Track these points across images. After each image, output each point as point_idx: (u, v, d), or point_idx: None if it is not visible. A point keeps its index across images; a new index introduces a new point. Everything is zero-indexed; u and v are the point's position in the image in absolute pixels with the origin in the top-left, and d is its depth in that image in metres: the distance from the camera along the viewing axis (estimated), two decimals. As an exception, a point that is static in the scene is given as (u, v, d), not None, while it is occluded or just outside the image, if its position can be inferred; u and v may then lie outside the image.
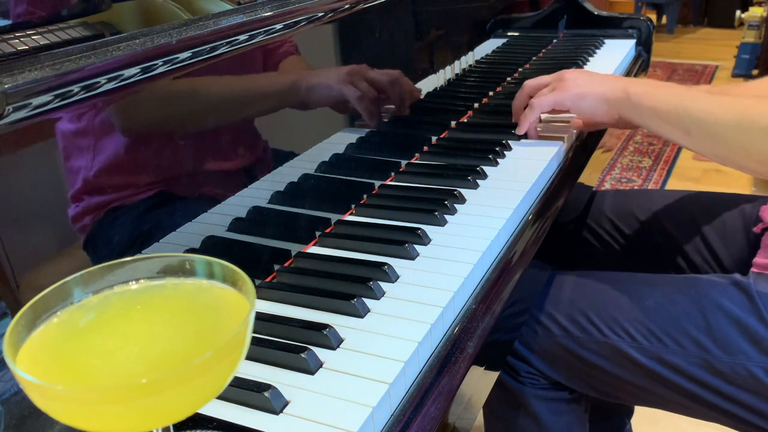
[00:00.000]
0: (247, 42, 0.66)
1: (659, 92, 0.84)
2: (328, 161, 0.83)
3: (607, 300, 0.84)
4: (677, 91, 0.83)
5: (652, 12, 5.19)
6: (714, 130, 0.77)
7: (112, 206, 0.56)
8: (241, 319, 0.35)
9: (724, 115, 0.76)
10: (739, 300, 0.78)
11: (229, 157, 0.68)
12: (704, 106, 0.78)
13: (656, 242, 1.04)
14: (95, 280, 0.39)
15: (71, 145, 0.52)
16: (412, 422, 0.53)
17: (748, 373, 0.76)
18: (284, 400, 0.52)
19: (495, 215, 0.80)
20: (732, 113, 0.76)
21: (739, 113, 0.75)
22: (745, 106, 0.75)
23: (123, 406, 0.31)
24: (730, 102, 0.78)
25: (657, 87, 0.85)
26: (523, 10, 1.51)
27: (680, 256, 1.02)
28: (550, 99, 0.96)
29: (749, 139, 0.74)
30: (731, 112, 0.76)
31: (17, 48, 0.50)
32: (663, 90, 0.84)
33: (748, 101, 0.77)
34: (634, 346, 0.80)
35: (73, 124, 0.52)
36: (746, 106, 0.75)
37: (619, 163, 2.88)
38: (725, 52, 4.32)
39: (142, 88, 0.57)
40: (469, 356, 0.61)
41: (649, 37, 1.59)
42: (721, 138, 0.77)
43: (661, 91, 0.84)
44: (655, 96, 0.84)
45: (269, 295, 0.67)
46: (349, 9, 0.83)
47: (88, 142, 0.53)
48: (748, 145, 0.75)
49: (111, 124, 0.55)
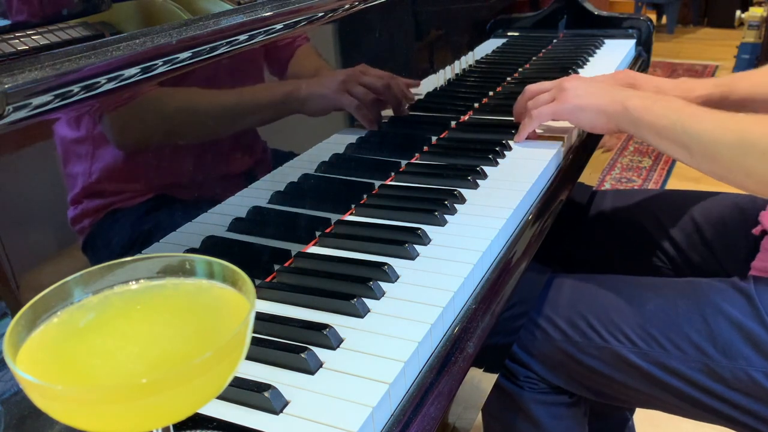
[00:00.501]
0: (247, 42, 0.66)
1: (657, 107, 0.83)
2: (328, 161, 0.83)
3: (607, 304, 0.84)
4: (676, 106, 0.82)
5: (652, 12, 5.19)
6: (713, 150, 0.76)
7: (112, 208, 0.56)
8: (241, 319, 0.35)
9: (723, 136, 0.75)
10: (740, 304, 0.78)
11: (229, 158, 0.68)
12: (703, 126, 0.77)
13: (656, 242, 1.04)
14: (95, 280, 0.39)
15: (69, 152, 0.52)
16: (412, 422, 0.53)
17: (749, 378, 0.75)
18: (284, 400, 0.52)
19: (495, 215, 0.80)
20: (731, 134, 0.75)
21: (739, 134, 0.74)
22: (744, 127, 0.75)
23: (123, 406, 0.31)
24: (729, 121, 0.77)
25: (656, 101, 0.84)
26: (523, 10, 1.51)
27: (680, 256, 1.02)
28: (549, 110, 0.95)
29: (748, 161, 0.73)
30: (730, 133, 0.75)
31: (17, 48, 0.50)
32: (662, 105, 0.83)
33: (749, 120, 0.76)
34: (634, 351, 0.80)
35: (71, 132, 0.52)
36: (746, 127, 0.74)
37: (619, 163, 2.88)
38: (725, 52, 4.32)
39: (138, 103, 0.57)
40: (469, 356, 0.61)
41: (649, 37, 1.59)
42: (720, 157, 0.76)
43: (659, 106, 0.83)
44: (654, 111, 0.83)
45: (269, 295, 0.67)
46: (349, 9, 0.83)
47: (86, 150, 0.53)
48: (746, 166, 0.74)
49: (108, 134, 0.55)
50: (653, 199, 1.08)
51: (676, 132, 0.79)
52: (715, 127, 0.76)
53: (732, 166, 0.75)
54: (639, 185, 2.68)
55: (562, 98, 0.94)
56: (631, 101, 0.86)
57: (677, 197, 1.07)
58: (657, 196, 1.08)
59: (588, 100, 0.91)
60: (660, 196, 1.09)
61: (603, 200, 1.11)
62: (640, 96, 0.87)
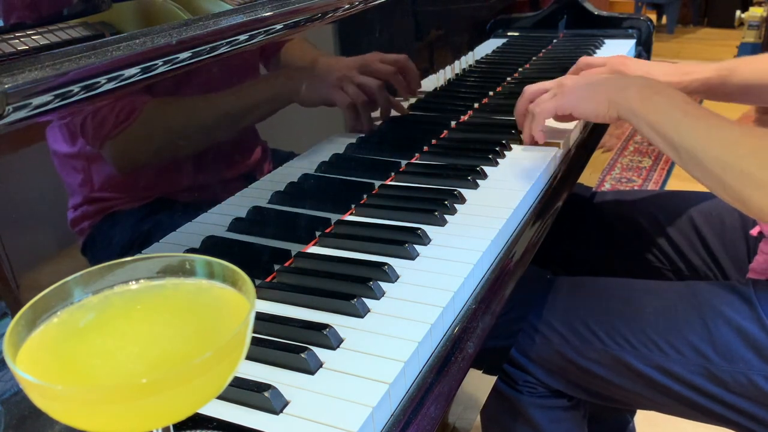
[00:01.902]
0: (247, 42, 0.66)
1: (656, 100, 0.80)
2: (328, 161, 0.83)
3: (607, 308, 0.84)
4: (675, 102, 0.79)
5: (652, 12, 5.19)
6: (698, 156, 0.74)
7: (112, 209, 0.56)
8: (241, 319, 0.35)
9: (709, 145, 0.73)
10: (740, 307, 0.78)
11: (229, 158, 0.68)
12: (694, 130, 0.75)
13: (655, 243, 1.04)
14: (95, 280, 0.39)
15: (66, 165, 0.52)
16: (412, 422, 0.53)
17: (749, 381, 0.75)
18: (284, 400, 0.52)
19: (495, 215, 0.80)
20: (717, 145, 0.73)
21: (724, 148, 0.72)
22: (731, 142, 0.72)
23: (123, 406, 0.31)
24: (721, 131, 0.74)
25: (656, 93, 0.81)
26: (523, 10, 1.51)
27: (679, 256, 1.02)
28: (551, 105, 0.93)
29: (727, 177, 0.71)
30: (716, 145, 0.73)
31: (17, 48, 0.50)
32: (661, 99, 0.80)
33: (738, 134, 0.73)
34: (634, 355, 0.80)
35: (66, 147, 0.51)
36: (732, 142, 0.72)
37: (619, 163, 2.88)
38: (725, 52, 4.33)
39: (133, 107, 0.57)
40: (469, 356, 0.61)
41: (649, 37, 1.60)
42: (702, 166, 0.74)
43: (658, 99, 0.80)
44: (650, 104, 0.80)
45: (269, 295, 0.67)
46: (349, 9, 0.83)
47: (82, 164, 0.53)
48: (724, 181, 0.72)
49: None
50: (652, 199, 1.08)
51: (667, 130, 0.77)
52: (704, 135, 0.74)
53: (711, 176, 0.73)
54: (639, 185, 2.68)
55: (564, 92, 0.92)
56: (630, 90, 0.84)
57: (676, 198, 1.07)
58: (656, 197, 1.08)
59: (589, 89, 0.90)
60: (659, 196, 1.09)
61: (602, 201, 1.11)
62: (640, 85, 0.84)
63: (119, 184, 0.57)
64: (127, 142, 0.57)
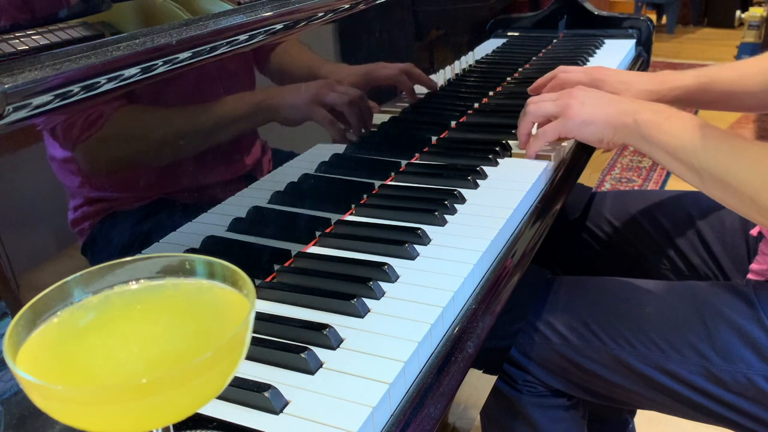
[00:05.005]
0: (247, 42, 0.66)
1: (670, 125, 0.78)
2: (328, 161, 0.83)
3: (606, 308, 0.84)
4: (691, 125, 0.77)
5: (652, 12, 5.19)
6: (726, 179, 0.73)
7: (112, 211, 0.56)
8: (241, 319, 0.35)
9: (737, 165, 0.71)
10: (740, 307, 0.78)
11: (229, 159, 0.68)
12: (717, 152, 0.73)
13: (655, 243, 1.04)
14: (95, 280, 0.39)
15: (63, 169, 0.52)
16: (411, 422, 0.53)
17: (748, 381, 0.75)
18: (284, 400, 0.52)
19: (495, 215, 0.80)
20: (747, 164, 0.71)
21: (755, 167, 0.71)
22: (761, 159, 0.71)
23: (123, 406, 0.31)
24: (746, 150, 0.72)
25: (668, 118, 0.79)
26: (523, 10, 1.51)
27: (679, 256, 1.02)
28: (555, 129, 0.91)
29: (762, 196, 0.70)
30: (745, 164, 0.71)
31: (17, 48, 0.50)
32: (674, 123, 0.78)
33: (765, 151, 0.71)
34: (633, 355, 0.80)
35: (61, 152, 0.51)
36: (762, 159, 0.71)
37: (619, 163, 2.88)
38: (725, 52, 4.33)
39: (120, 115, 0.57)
40: (469, 356, 0.61)
41: (649, 37, 1.59)
42: (731, 188, 0.72)
43: (672, 123, 0.78)
44: (665, 129, 0.78)
45: (269, 295, 0.67)
46: (349, 9, 0.83)
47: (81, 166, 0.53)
48: (758, 200, 0.70)
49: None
50: (652, 199, 1.08)
51: (687, 155, 0.76)
52: (728, 157, 0.73)
53: (743, 198, 0.72)
54: (639, 185, 2.68)
55: (568, 114, 0.89)
56: (641, 115, 0.82)
57: (676, 198, 1.07)
58: (656, 197, 1.08)
59: (595, 112, 0.87)
60: (659, 196, 1.09)
61: (602, 201, 1.11)
62: (651, 110, 0.83)
63: (119, 184, 0.57)
64: (127, 143, 0.57)
